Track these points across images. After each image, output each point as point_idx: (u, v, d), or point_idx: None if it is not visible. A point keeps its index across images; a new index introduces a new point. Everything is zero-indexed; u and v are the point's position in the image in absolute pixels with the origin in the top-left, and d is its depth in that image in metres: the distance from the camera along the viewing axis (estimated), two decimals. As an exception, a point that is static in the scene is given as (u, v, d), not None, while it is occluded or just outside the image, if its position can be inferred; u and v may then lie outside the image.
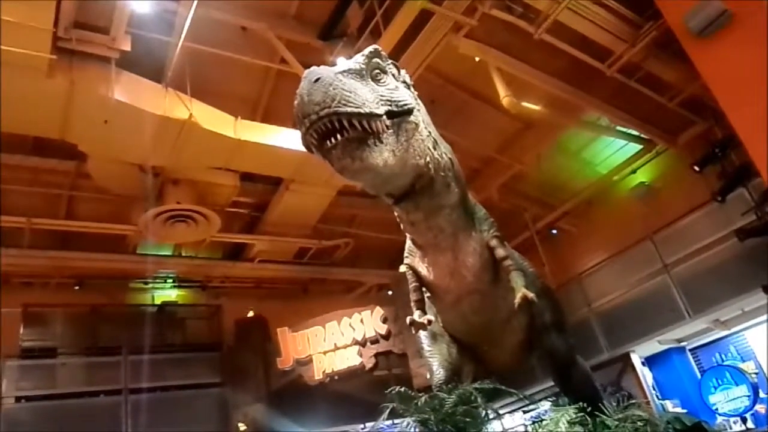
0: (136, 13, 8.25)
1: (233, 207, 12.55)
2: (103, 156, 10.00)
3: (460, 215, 3.48)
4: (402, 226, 3.47)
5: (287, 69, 10.18)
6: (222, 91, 10.49)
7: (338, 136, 2.58)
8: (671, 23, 6.91)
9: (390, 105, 2.79)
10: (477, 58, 9.24)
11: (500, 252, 3.59)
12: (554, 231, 14.02)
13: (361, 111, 2.60)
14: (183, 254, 13.67)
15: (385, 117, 2.71)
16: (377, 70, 2.92)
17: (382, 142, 2.67)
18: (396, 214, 3.38)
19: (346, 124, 2.56)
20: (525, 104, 9.71)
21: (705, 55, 6.34)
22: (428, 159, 3.06)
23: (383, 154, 2.67)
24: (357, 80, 2.75)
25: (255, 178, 12.05)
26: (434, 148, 3.21)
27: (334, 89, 2.56)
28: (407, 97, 2.97)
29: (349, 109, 2.56)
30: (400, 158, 2.80)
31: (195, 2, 8.14)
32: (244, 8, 9.51)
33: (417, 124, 2.97)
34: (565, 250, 13.75)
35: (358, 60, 2.92)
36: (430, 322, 3.47)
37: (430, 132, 3.20)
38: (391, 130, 2.73)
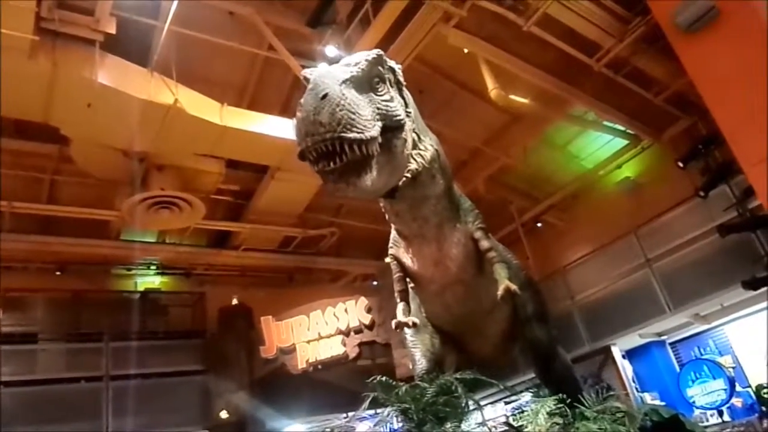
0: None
1: (218, 194, 12.46)
2: (86, 140, 9.86)
3: (445, 206, 3.49)
4: (387, 216, 3.47)
5: (275, 56, 10.11)
6: (208, 77, 10.39)
7: (337, 160, 2.55)
8: (659, 18, 6.94)
9: (384, 119, 2.77)
10: (466, 50, 9.24)
11: (484, 243, 3.61)
12: (539, 224, 14.10)
13: (363, 137, 2.57)
14: (167, 241, 13.58)
15: (378, 137, 2.69)
16: (377, 79, 2.89)
17: (373, 164, 2.66)
18: (381, 204, 3.38)
19: (347, 148, 2.54)
20: (513, 97, 9.75)
21: (691, 51, 6.38)
22: (415, 160, 3.06)
23: (373, 175, 2.66)
24: (358, 91, 2.70)
25: (240, 166, 11.98)
26: (420, 141, 3.20)
27: (340, 111, 2.52)
28: (400, 109, 2.95)
29: (352, 135, 2.54)
30: (388, 174, 2.81)
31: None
32: (232, -7, 9.41)
33: (405, 140, 2.96)
34: (550, 243, 13.84)
35: (360, 64, 2.85)
36: (415, 324, 3.48)
37: (415, 129, 3.18)
38: (381, 149, 2.72)
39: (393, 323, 3.48)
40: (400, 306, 3.58)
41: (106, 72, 8.48)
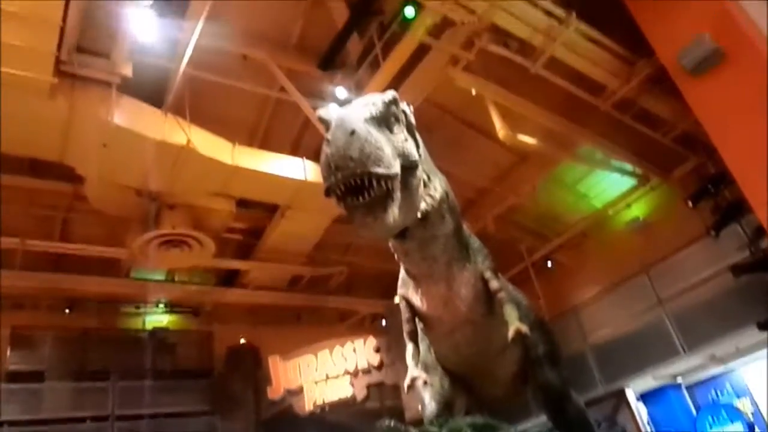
0: (139, 39, 8.34)
1: (228, 232, 12.53)
2: (100, 179, 10.00)
3: (455, 246, 3.48)
4: (396, 256, 3.47)
5: (286, 97, 10.30)
6: (221, 117, 10.57)
7: (366, 195, 2.59)
8: (664, 60, 7.05)
9: (401, 158, 2.82)
10: (474, 91, 9.38)
11: (494, 284, 3.58)
12: (550, 263, 14.01)
13: (390, 173, 2.62)
14: (176, 279, 13.59)
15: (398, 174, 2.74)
16: (393, 119, 2.95)
17: (395, 201, 2.70)
18: (390, 244, 3.38)
19: (374, 183, 2.58)
20: (521, 137, 9.82)
21: (697, 93, 6.46)
22: (425, 201, 3.09)
23: (395, 211, 2.70)
24: (379, 130, 2.77)
25: (251, 204, 12.06)
26: (429, 181, 3.23)
27: (369, 146, 2.57)
28: (414, 149, 3.00)
29: (380, 171, 2.58)
30: (405, 212, 2.83)
31: (197, 30, 8.27)
32: (245, 36, 9.66)
33: (420, 179, 3.00)
34: (561, 283, 13.72)
35: (378, 104, 2.91)
36: (426, 382, 3.44)
37: (425, 168, 3.22)
38: (400, 186, 2.76)
39: (406, 381, 3.41)
40: (410, 347, 3.53)
41: (122, 113, 8.67)
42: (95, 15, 7.73)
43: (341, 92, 9.88)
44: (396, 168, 2.67)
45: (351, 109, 2.83)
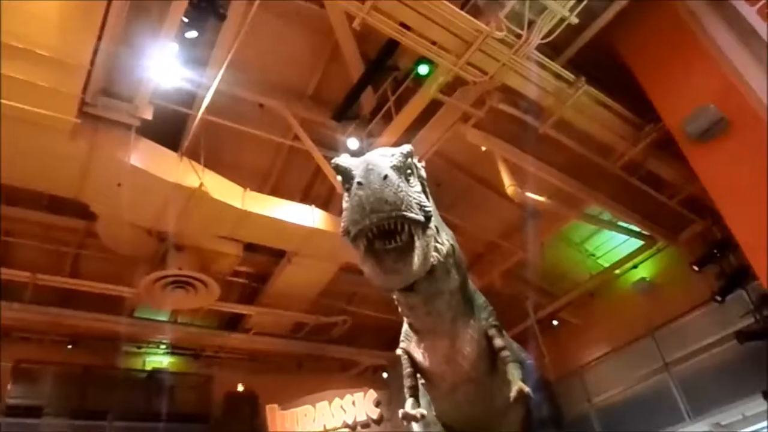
0: (161, 85, 8.60)
1: (234, 276, 12.54)
2: (113, 217, 10.13)
3: (459, 301, 3.50)
4: (400, 309, 3.48)
5: (299, 146, 10.50)
6: (234, 162, 10.77)
7: (397, 239, 2.64)
8: (670, 127, 7.18)
9: (420, 210, 2.87)
10: (483, 147, 9.53)
11: (498, 342, 3.57)
12: (556, 322, 13.86)
13: (419, 219, 2.69)
14: (179, 321, 13.53)
15: None
16: (409, 170, 3.02)
17: (417, 249, 2.75)
18: (395, 297, 3.40)
19: (406, 228, 2.64)
20: (529, 194, 9.90)
21: (703, 160, 6.56)
22: (436, 253, 3.12)
23: (415, 259, 2.75)
24: (400, 179, 2.83)
25: (258, 249, 12.11)
26: (438, 235, 3.26)
27: (401, 192, 2.65)
28: (429, 202, 3.06)
29: (412, 215, 2.66)
30: (423, 261, 2.87)
31: (217, 79, 8.53)
32: (263, 85, 9.93)
33: (433, 231, 3.05)
34: (566, 342, 13.54)
35: (397, 156, 2.98)
36: (423, 416, 3.40)
37: (435, 223, 3.27)
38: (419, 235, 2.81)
39: (400, 413, 3.39)
40: (409, 402, 3.50)
41: (139, 155, 8.85)
42: (122, 59, 7.99)
43: (353, 143, 10.06)
44: (422, 215, 2.74)
45: (376, 156, 2.88)
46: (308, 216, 10.70)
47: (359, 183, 2.64)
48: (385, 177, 2.63)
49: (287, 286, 12.40)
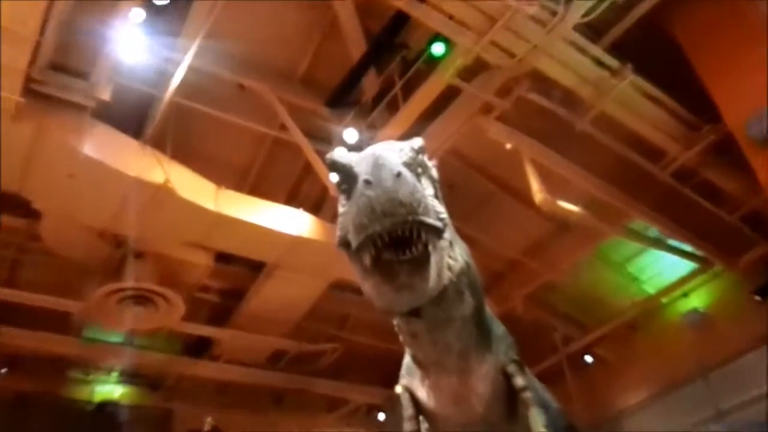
0: (123, 62, 8.61)
1: (202, 292, 12.53)
2: (59, 216, 10.14)
3: (473, 331, 3.47)
4: (401, 337, 3.46)
5: (286, 137, 10.52)
6: (207, 155, 10.79)
7: (412, 249, 2.62)
8: (733, 128, 7.17)
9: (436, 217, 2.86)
10: (508, 145, 9.53)
11: (519, 380, 3.55)
12: (588, 357, 13.81)
13: (438, 226, 2.68)
14: (135, 344, 13.50)
15: None
16: (420, 169, 3.01)
17: (432, 263, 2.74)
18: (395, 323, 3.38)
19: (423, 236, 2.62)
20: (561, 203, 9.88)
21: (769, 167, 6.53)
22: (448, 271, 3.10)
23: (432, 274, 2.73)
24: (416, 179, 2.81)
25: (233, 260, 12.11)
26: (451, 249, 3.24)
27: (417, 193, 2.63)
28: (442, 208, 3.05)
29: (431, 221, 2.63)
30: (438, 278, 2.85)
31: (190, 54, 8.55)
32: (245, 63, 9.96)
33: (447, 240, 3.03)
34: (601, 383, 13.48)
35: (406, 151, 2.98)
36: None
37: (449, 235, 3.25)
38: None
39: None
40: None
41: (94, 142, 8.87)
42: (77, 30, 7.99)
43: (351, 135, 10.08)
44: (440, 223, 2.72)
45: (385, 150, 2.87)
46: (294, 221, 10.71)
47: (367, 181, 2.61)
48: (399, 174, 2.61)
49: (266, 305, 12.39)
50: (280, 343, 13.37)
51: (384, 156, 2.70)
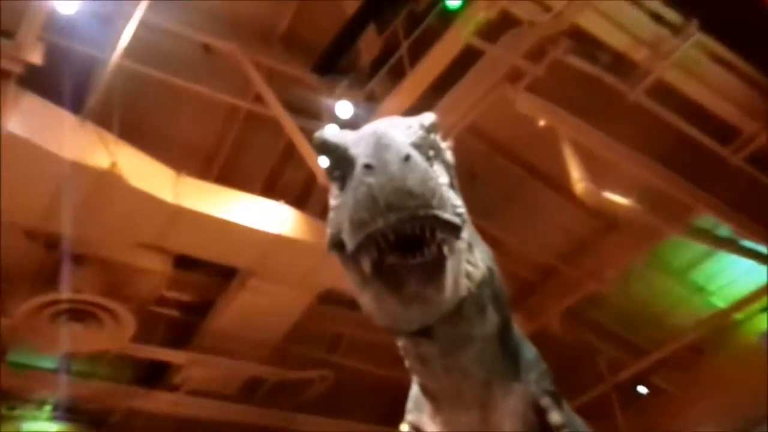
0: (58, 15, 8.60)
1: (159, 305, 12.54)
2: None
3: (497, 354, 3.46)
4: (407, 362, 3.45)
5: (262, 110, 10.51)
6: (164, 133, 10.79)
7: (424, 251, 2.60)
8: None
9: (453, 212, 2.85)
10: (541, 122, 9.52)
11: (555, 416, 3.53)
12: (642, 388, 13.84)
13: (457, 222, 2.66)
14: (73, 370, 13.51)
15: None
16: (432, 152, 3.00)
17: (448, 270, 2.72)
18: (400, 345, 3.38)
19: (438, 236, 2.60)
20: (608, 195, 9.87)
21: None
22: (467, 279, 3.09)
23: (447, 283, 2.72)
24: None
25: (196, 266, 12.12)
26: (470, 253, 3.24)
27: (431, 181, 2.60)
28: (459, 200, 3.04)
29: (448, 217, 2.61)
30: (455, 287, 2.84)
31: (143, 5, 8.53)
32: (211, 20, 9.97)
33: (465, 242, 3.02)
34: (658, 419, 13.51)
35: (414, 128, 2.97)
36: None
37: (468, 235, 3.25)
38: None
39: None
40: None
41: (21, 116, 8.85)
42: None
43: (344, 108, 10.07)
44: (458, 219, 2.70)
45: (389, 128, 2.86)
46: (273, 217, 10.71)
47: (367, 166, 2.59)
48: (407, 158, 2.59)
49: (238, 322, 12.40)
50: (255, 369, 13.38)
51: (388, 135, 2.68)
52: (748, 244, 11.58)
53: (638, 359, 13.54)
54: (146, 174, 9.82)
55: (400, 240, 2.57)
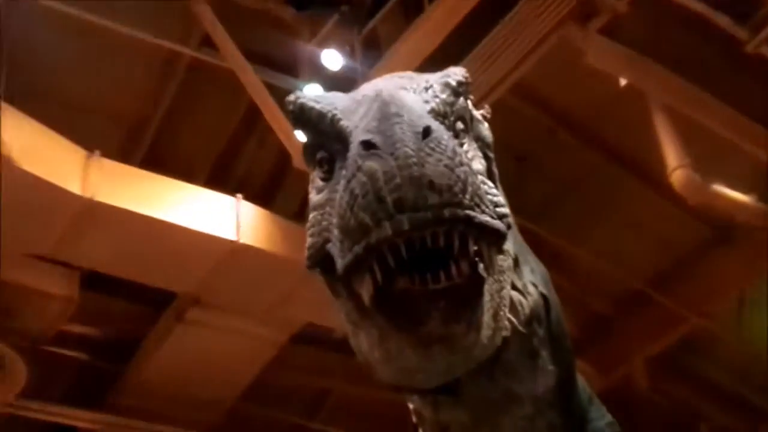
0: None
1: (60, 345, 12.60)
2: None
3: (555, 421, 3.48)
4: (420, 430, 3.50)
5: (212, 60, 10.55)
6: (72, 98, 10.84)
7: (451, 273, 2.56)
8: None
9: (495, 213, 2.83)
10: (622, 80, 9.56)
11: None
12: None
13: (499, 229, 2.59)
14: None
15: None
16: (461, 124, 2.98)
17: (484, 297, 2.68)
18: (412, 407, 3.41)
19: (471, 249, 2.55)
20: (718, 188, 9.91)
21: None
22: (511, 314, 3.09)
23: (485, 319, 2.68)
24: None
25: (115, 289, 12.17)
26: (518, 273, 3.25)
27: (461, 167, 2.51)
28: (501, 195, 3.00)
29: (484, 219, 2.54)
30: (495, 325, 2.82)
31: None
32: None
33: (510, 257, 2.99)
34: None
35: (437, 91, 2.96)
36: None
37: (513, 247, 3.26)
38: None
39: None
40: None
41: None
42: None
43: (332, 59, 10.15)
44: (502, 224, 2.66)
45: (398, 89, 2.84)
46: (226, 217, 10.74)
47: (368, 144, 2.57)
48: (426, 132, 2.56)
49: (173, 371, 12.45)
50: (199, 439, 13.47)
51: (398, 99, 2.68)
52: None
53: (758, 426, 13.61)
54: (47, 154, 9.88)
55: (416, 254, 2.56)
